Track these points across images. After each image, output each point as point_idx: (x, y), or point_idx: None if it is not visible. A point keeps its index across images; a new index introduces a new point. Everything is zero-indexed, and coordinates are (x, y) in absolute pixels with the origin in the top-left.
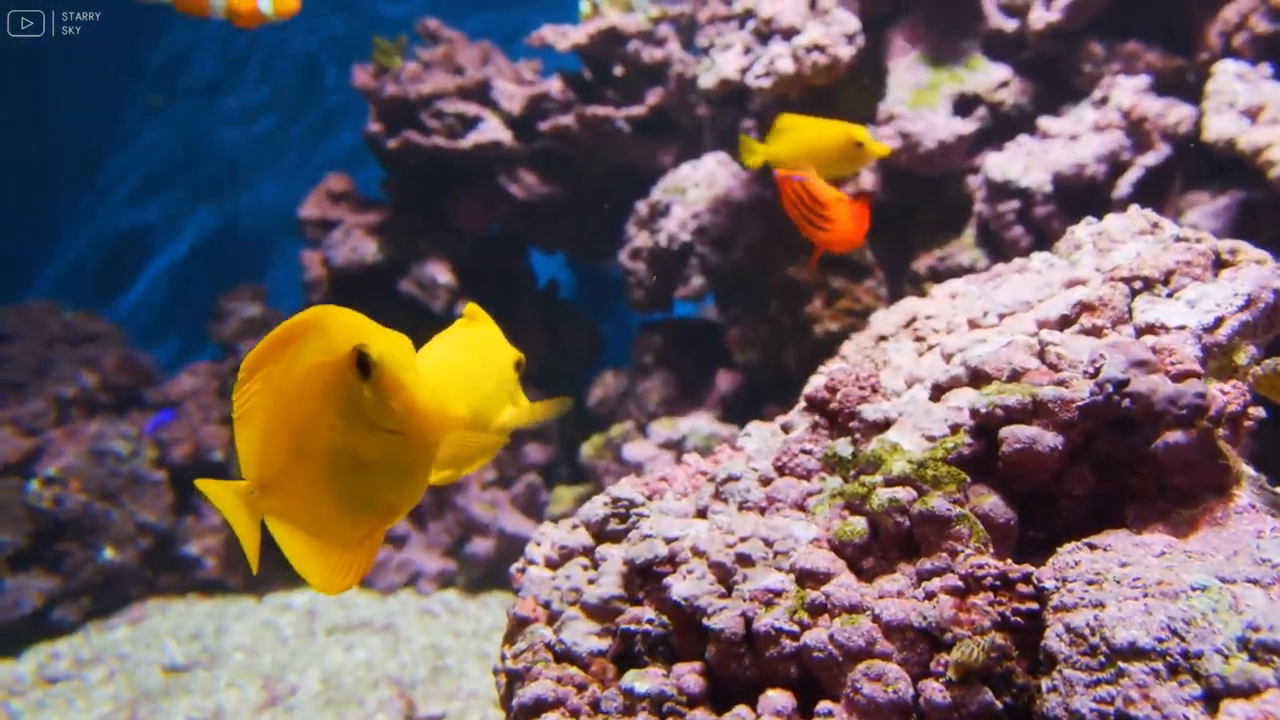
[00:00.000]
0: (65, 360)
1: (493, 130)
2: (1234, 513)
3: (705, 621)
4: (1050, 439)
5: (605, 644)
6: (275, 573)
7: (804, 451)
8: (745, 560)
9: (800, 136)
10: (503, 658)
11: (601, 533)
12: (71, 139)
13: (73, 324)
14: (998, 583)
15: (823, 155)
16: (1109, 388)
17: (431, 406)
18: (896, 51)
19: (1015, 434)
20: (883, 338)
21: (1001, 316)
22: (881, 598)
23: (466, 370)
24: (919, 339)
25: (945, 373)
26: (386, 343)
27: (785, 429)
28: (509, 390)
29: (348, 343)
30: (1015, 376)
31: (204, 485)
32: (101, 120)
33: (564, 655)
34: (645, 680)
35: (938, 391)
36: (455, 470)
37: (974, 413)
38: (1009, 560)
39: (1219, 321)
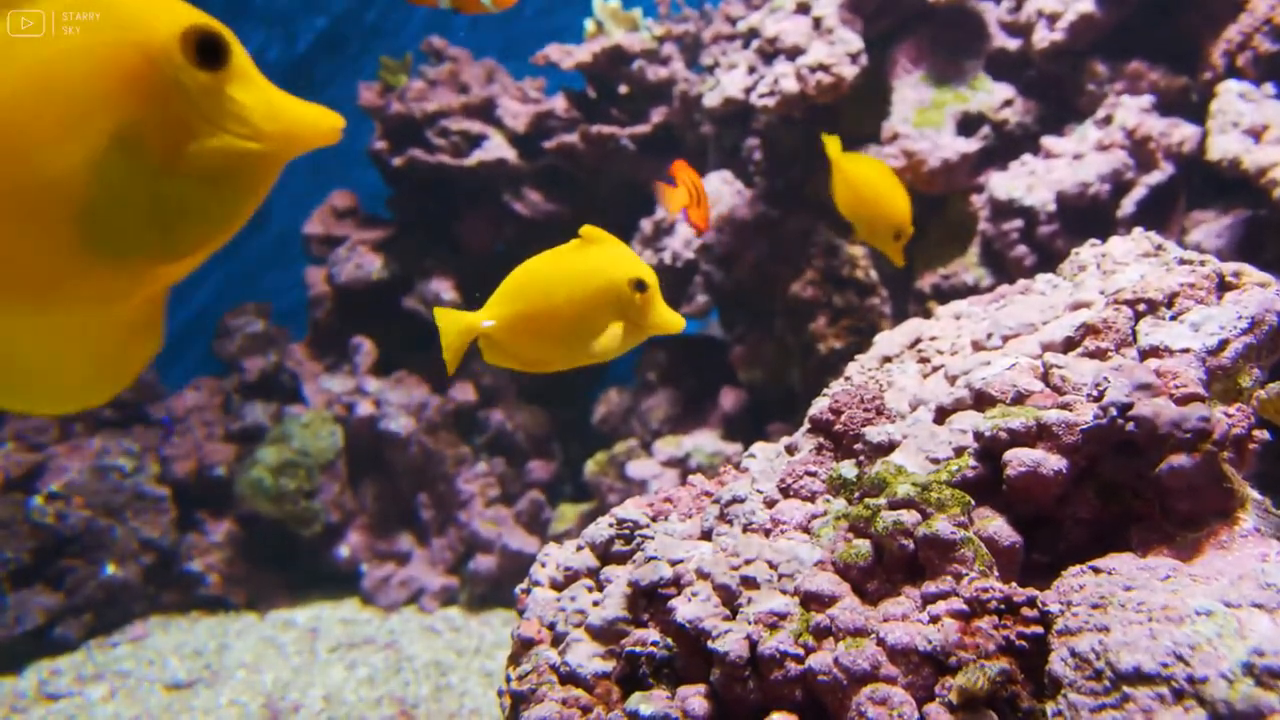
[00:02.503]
0: None
1: (497, 148)
2: (1239, 536)
3: (710, 644)
4: (1054, 462)
5: (610, 666)
6: (277, 590)
7: (808, 473)
8: (750, 583)
9: (867, 182)
10: (507, 679)
11: (606, 554)
12: None
13: None
14: (1002, 606)
15: (869, 210)
16: (1113, 411)
17: (304, 108)
18: (900, 70)
19: (1019, 457)
20: (887, 358)
21: (1005, 338)
22: (886, 621)
23: (551, 275)
24: (923, 360)
25: (949, 395)
26: (218, 24)
27: (790, 450)
28: (619, 306)
29: (156, 19)
30: (1019, 399)
31: None
32: None
33: (569, 677)
34: (650, 703)
35: (942, 414)
36: (561, 360)
37: (978, 436)
38: (1014, 584)
39: (1223, 344)
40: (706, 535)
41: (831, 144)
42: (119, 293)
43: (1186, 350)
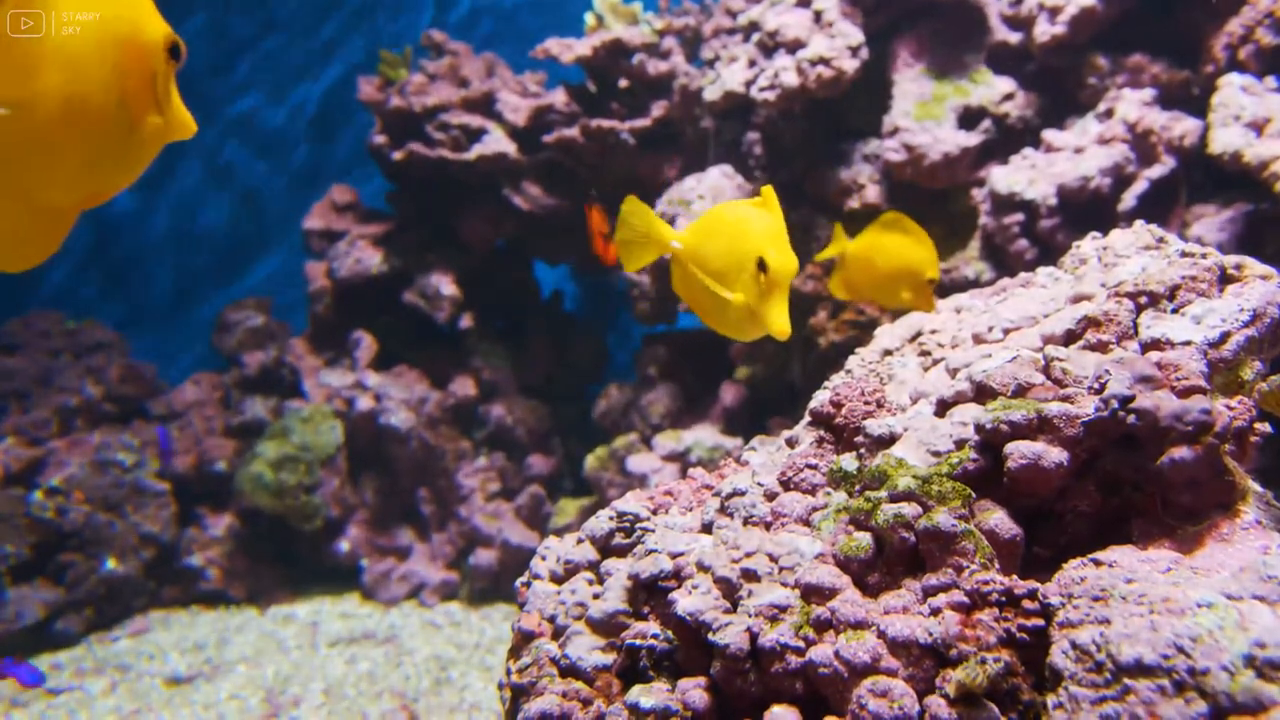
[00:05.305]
0: (69, 370)
1: (497, 142)
2: (1240, 529)
3: (710, 637)
4: (1055, 455)
5: (610, 659)
6: (277, 584)
7: (809, 466)
8: (750, 575)
9: (880, 250)
10: (508, 672)
11: (607, 547)
12: None
13: (77, 333)
14: (1003, 599)
15: (887, 281)
16: (1114, 404)
17: (183, 108)
18: (901, 64)
19: (1020, 450)
20: (888, 352)
21: (1007, 331)
22: (887, 614)
23: (724, 223)
24: (924, 353)
25: (950, 388)
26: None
27: (790, 443)
28: (746, 280)
29: (150, 24)
30: (1020, 392)
31: None
32: None
33: (569, 670)
34: (650, 696)
35: (943, 407)
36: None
37: (979, 428)
38: (1015, 576)
39: (1224, 337)
40: (707, 528)
41: (837, 240)
42: (75, 204)
43: (1188, 343)
